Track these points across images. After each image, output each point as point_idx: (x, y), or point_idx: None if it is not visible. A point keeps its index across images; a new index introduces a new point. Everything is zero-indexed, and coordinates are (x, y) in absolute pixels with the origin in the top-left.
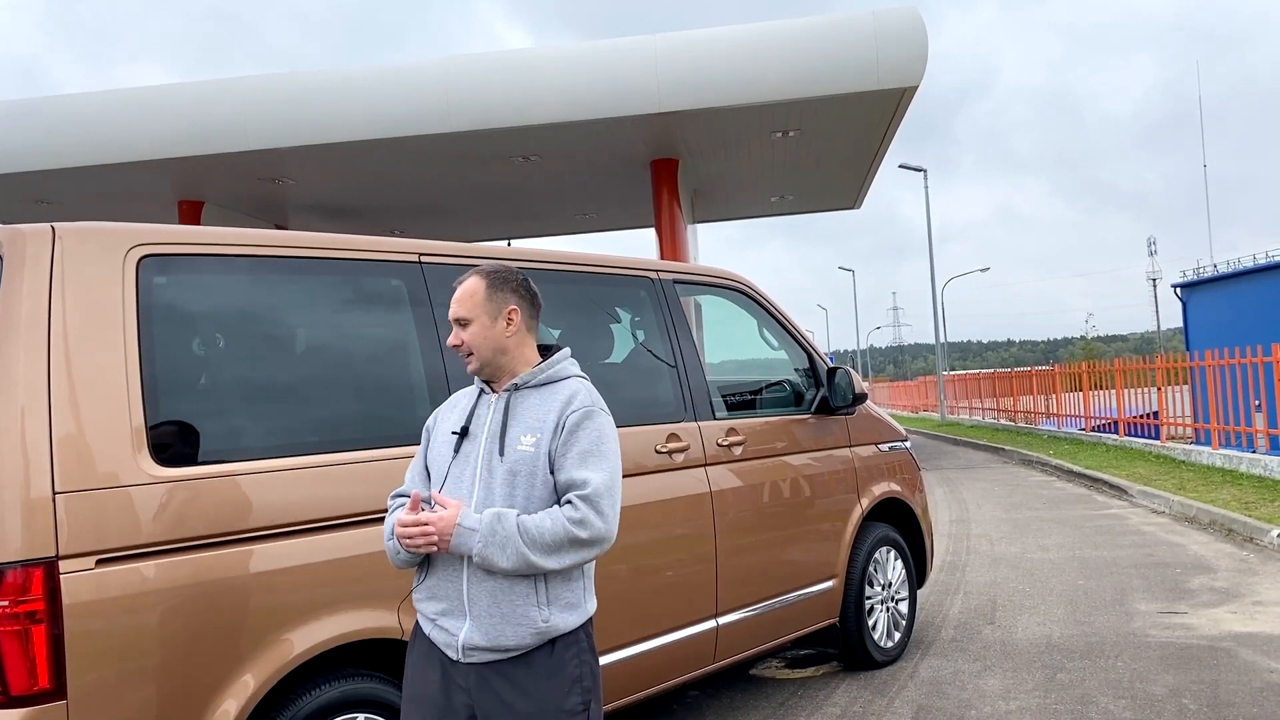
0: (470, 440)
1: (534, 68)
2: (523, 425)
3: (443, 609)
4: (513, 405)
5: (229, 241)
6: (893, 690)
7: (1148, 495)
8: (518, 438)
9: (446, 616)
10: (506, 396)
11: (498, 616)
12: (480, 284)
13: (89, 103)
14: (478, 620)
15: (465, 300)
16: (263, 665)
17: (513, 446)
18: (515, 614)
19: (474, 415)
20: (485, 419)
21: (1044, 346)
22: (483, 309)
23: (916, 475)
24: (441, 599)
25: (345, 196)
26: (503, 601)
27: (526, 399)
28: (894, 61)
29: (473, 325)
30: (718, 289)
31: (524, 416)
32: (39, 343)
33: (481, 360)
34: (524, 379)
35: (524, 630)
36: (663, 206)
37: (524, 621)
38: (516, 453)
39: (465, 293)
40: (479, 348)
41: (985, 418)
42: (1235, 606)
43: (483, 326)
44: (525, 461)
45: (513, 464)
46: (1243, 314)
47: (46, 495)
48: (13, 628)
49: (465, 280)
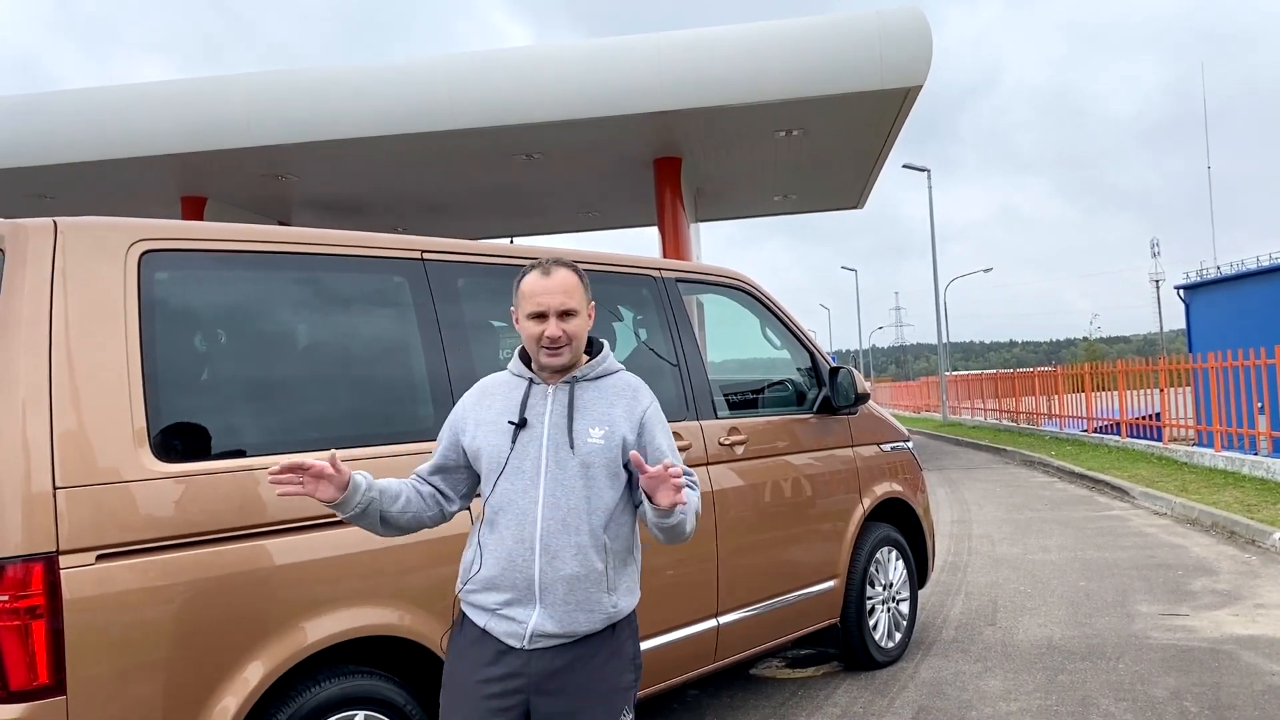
0: (528, 431)
1: (537, 66)
2: (589, 418)
3: (507, 599)
4: (576, 398)
5: (231, 237)
6: (893, 691)
7: (1150, 497)
8: (586, 430)
9: (512, 606)
10: (569, 389)
11: (573, 604)
12: (575, 277)
13: (92, 98)
14: (550, 608)
15: (574, 292)
16: (264, 661)
17: (582, 439)
18: (589, 600)
19: (527, 406)
20: (544, 410)
21: (1046, 347)
22: (584, 301)
23: (918, 475)
24: (505, 589)
25: (348, 193)
26: (578, 589)
27: (586, 392)
28: (898, 61)
29: (579, 317)
30: (720, 288)
31: (589, 410)
32: (40, 337)
33: (575, 353)
34: (584, 372)
35: (596, 616)
36: (665, 205)
37: (596, 608)
38: (587, 445)
39: (569, 285)
40: (579, 340)
41: (987, 418)
42: (1237, 609)
43: (585, 319)
44: (597, 454)
45: (585, 456)
46: (1246, 316)
47: (47, 490)
48: (13, 623)
49: (555, 271)
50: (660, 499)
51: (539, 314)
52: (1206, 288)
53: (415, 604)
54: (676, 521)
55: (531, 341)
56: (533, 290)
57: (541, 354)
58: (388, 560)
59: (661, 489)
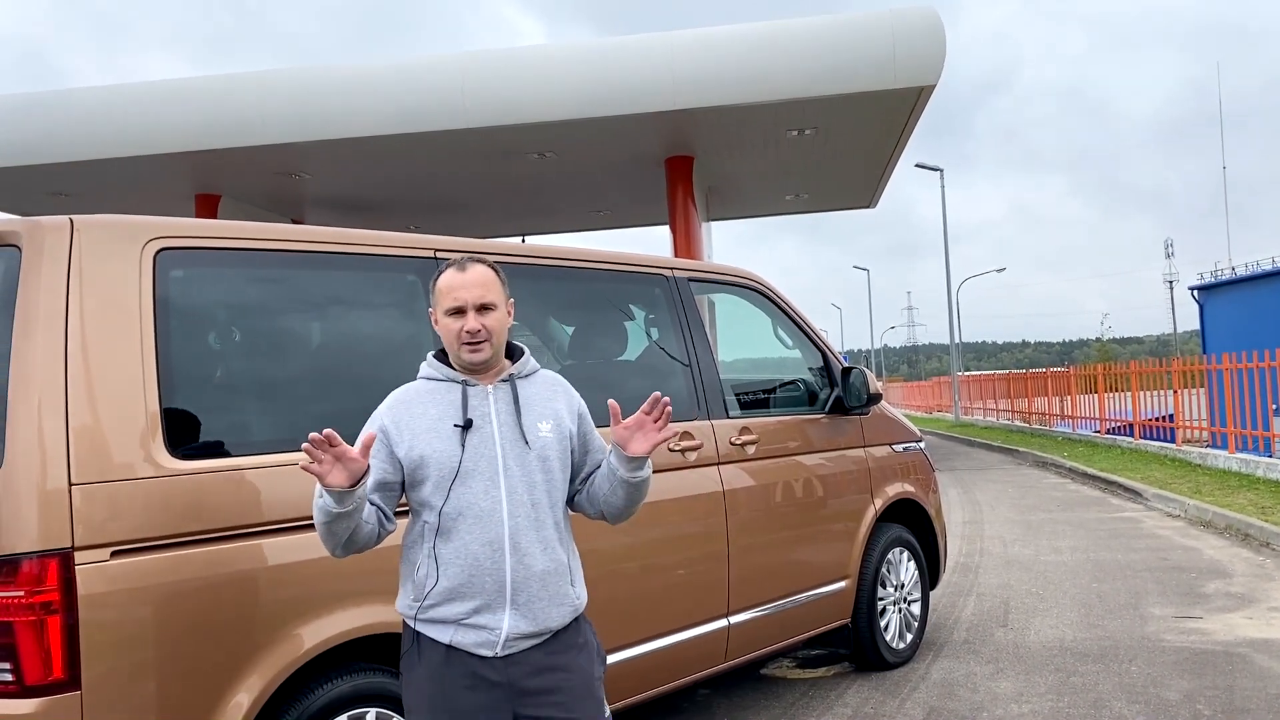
0: (476, 433)
1: (550, 64)
2: (535, 413)
3: (474, 607)
4: (519, 394)
5: (245, 235)
6: (904, 691)
7: (1163, 499)
8: (534, 425)
9: (480, 614)
10: (509, 387)
11: (546, 600)
12: (492, 273)
13: (107, 96)
14: (523, 607)
15: (491, 285)
16: (276, 658)
17: (533, 434)
18: (559, 595)
19: (469, 407)
20: (488, 410)
21: (1059, 348)
22: (501, 296)
23: (930, 476)
24: (472, 596)
25: (362, 192)
26: (550, 584)
27: (524, 388)
28: (911, 60)
29: (497, 311)
30: (732, 287)
31: (533, 405)
32: (56, 334)
33: (495, 349)
34: (518, 370)
35: (565, 609)
36: (677, 204)
37: (565, 601)
38: (540, 440)
39: (485, 278)
40: (498, 335)
41: (999, 419)
42: (1251, 612)
43: (503, 314)
44: (551, 446)
45: (540, 450)
46: (1260, 317)
47: (63, 486)
48: (28, 618)
49: (471, 267)
50: (636, 446)
51: (457, 309)
52: (1221, 289)
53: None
54: (647, 475)
55: (451, 338)
56: (450, 286)
57: (463, 351)
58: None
59: (638, 435)
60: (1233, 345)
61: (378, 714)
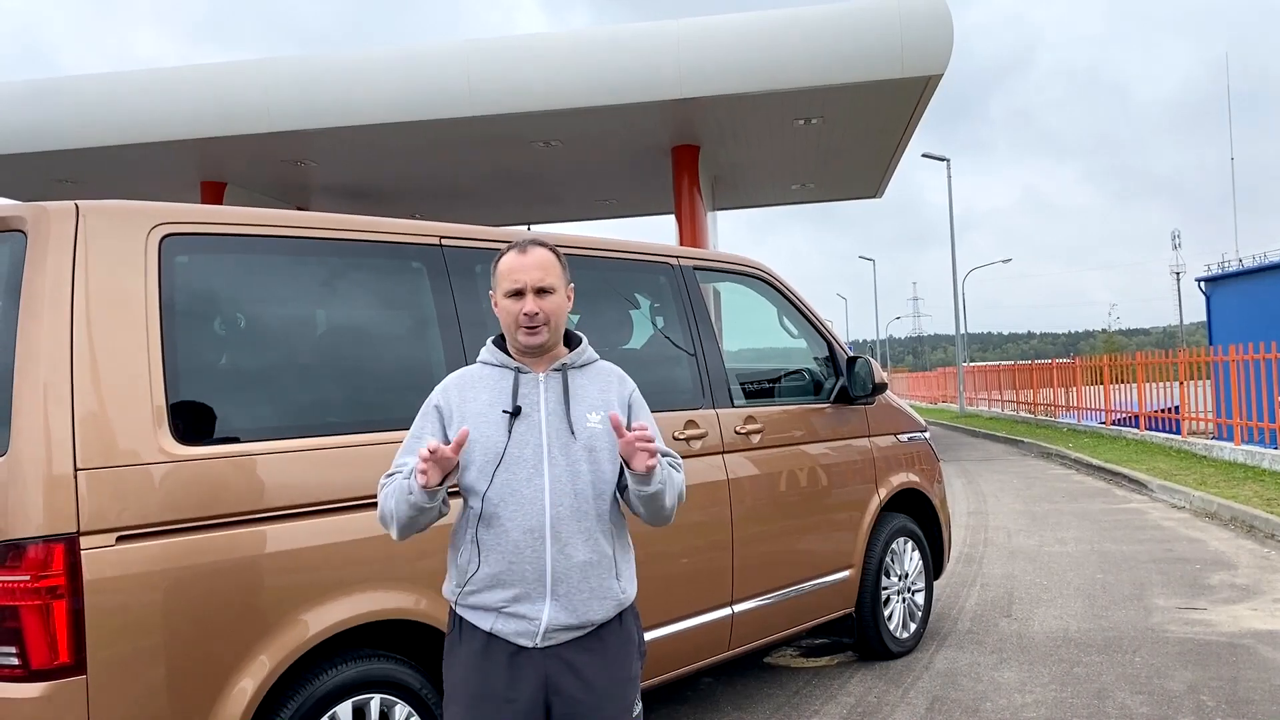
0: (524, 420)
1: (555, 52)
2: (585, 404)
3: (514, 595)
4: (570, 384)
5: (251, 222)
6: (908, 681)
7: (1168, 490)
8: (583, 416)
9: (520, 602)
10: (560, 376)
11: (587, 592)
12: (552, 255)
13: (113, 83)
14: (563, 599)
15: (550, 268)
16: (281, 644)
17: (580, 424)
18: (602, 588)
19: (519, 394)
20: (538, 398)
21: (1065, 339)
22: (561, 280)
23: (935, 466)
24: (512, 584)
25: (367, 179)
26: (592, 577)
27: (576, 378)
28: (918, 49)
29: (556, 295)
30: (738, 276)
31: (583, 396)
32: (62, 320)
33: (554, 333)
34: (572, 359)
35: (608, 604)
36: (683, 193)
37: (608, 595)
38: (587, 430)
39: (545, 261)
40: (557, 319)
41: (1005, 410)
42: (1256, 603)
43: (562, 298)
44: (599, 438)
45: (587, 440)
46: (1267, 308)
47: (68, 472)
48: (34, 602)
49: (532, 250)
50: (635, 464)
51: (516, 291)
52: (1228, 280)
53: (431, 588)
54: (655, 490)
55: (510, 320)
56: (510, 268)
57: (520, 334)
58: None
59: (636, 455)
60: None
61: (382, 699)
